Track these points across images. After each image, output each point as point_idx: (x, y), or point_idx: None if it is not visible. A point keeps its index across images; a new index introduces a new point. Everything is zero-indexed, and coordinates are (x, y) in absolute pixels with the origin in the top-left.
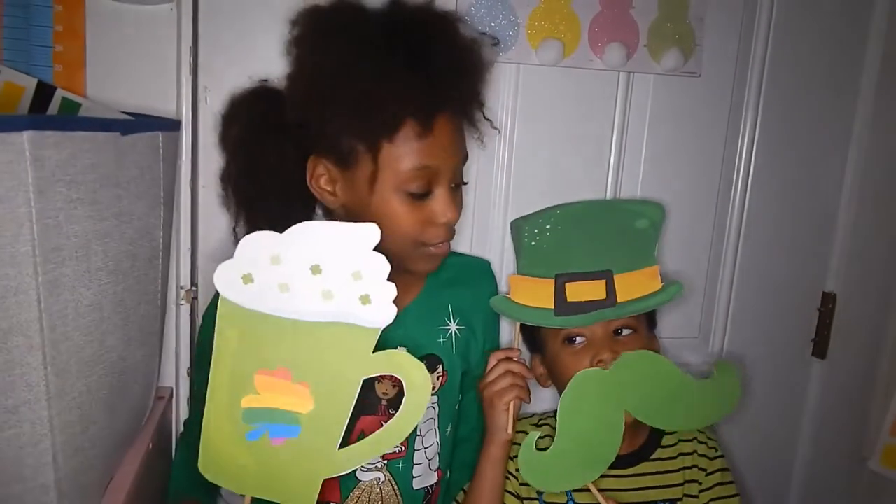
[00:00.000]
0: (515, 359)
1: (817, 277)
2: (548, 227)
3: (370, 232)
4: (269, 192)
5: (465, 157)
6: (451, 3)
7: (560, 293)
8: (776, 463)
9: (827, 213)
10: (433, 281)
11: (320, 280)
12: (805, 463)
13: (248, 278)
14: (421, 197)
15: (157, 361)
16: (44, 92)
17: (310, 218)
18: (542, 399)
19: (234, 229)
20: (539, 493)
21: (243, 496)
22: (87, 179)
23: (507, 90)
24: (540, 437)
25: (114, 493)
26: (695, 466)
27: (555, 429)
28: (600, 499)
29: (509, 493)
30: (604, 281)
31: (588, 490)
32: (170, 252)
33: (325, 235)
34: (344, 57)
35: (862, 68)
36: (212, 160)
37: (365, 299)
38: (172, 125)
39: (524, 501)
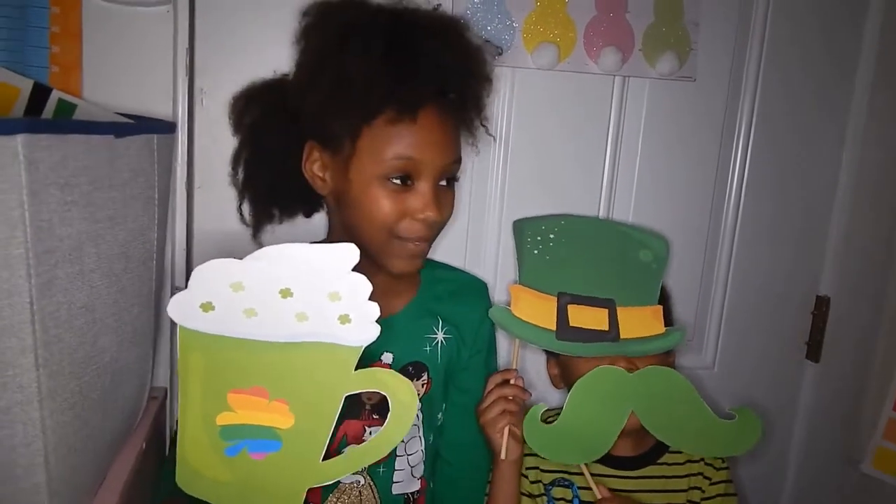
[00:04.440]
0: (513, 381)
1: (811, 281)
2: (551, 236)
3: (348, 253)
4: (273, 175)
5: (458, 159)
6: (448, 6)
7: (563, 314)
8: (769, 464)
9: (820, 216)
10: (427, 291)
11: (291, 303)
12: (797, 465)
13: (207, 306)
14: (403, 188)
15: (151, 362)
16: (40, 93)
17: (311, 202)
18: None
19: (239, 207)
20: (547, 489)
21: None
22: (80, 182)
23: (502, 94)
24: (545, 412)
25: (106, 493)
26: (700, 474)
27: None
28: (591, 483)
29: (522, 493)
30: (606, 310)
31: (591, 489)
32: (164, 253)
33: (295, 259)
34: (335, 44)
35: (856, 73)
36: (208, 161)
37: (344, 319)
38: (168, 127)
39: (536, 498)
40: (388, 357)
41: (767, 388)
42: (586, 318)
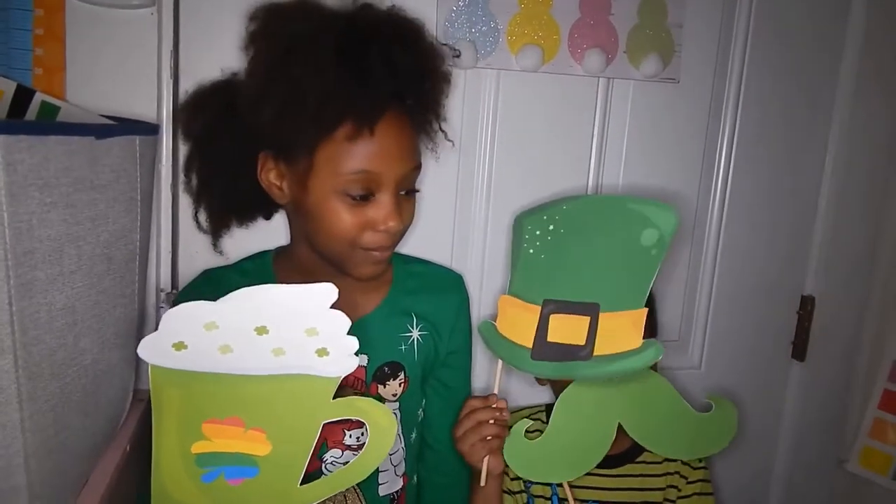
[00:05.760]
0: (494, 405)
1: (796, 281)
2: (551, 227)
3: (326, 292)
4: (228, 182)
5: (418, 166)
6: (432, 8)
7: (543, 327)
8: (756, 464)
9: (805, 216)
10: (399, 287)
11: (267, 339)
12: (784, 464)
13: (180, 345)
14: (362, 200)
15: (135, 364)
16: (23, 96)
17: (269, 206)
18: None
19: (195, 216)
20: (527, 485)
21: None
22: (60, 183)
23: (487, 96)
24: (528, 430)
25: (89, 496)
26: (677, 473)
27: (545, 423)
28: (570, 498)
29: (503, 491)
30: (588, 319)
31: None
32: (148, 255)
33: (271, 300)
34: (285, 55)
35: (840, 74)
36: None
37: (322, 352)
38: (150, 129)
39: (515, 495)
40: (362, 359)
41: (753, 388)
42: (565, 330)
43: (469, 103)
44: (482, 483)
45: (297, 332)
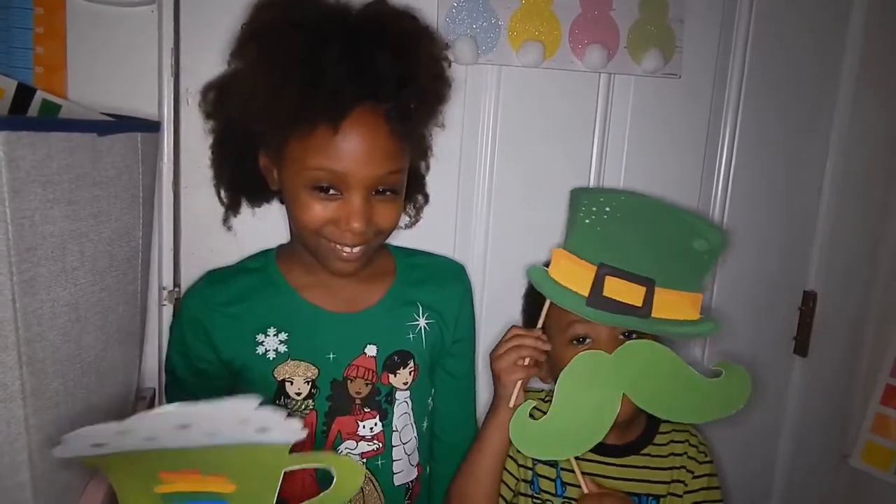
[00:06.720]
0: (537, 336)
1: (798, 276)
2: (607, 208)
3: (246, 407)
4: (238, 165)
5: (397, 170)
6: (433, 4)
7: (598, 283)
8: (758, 459)
9: (807, 212)
10: (403, 278)
11: (194, 431)
12: (787, 460)
13: (98, 445)
14: (331, 195)
15: (138, 361)
16: (24, 94)
17: (277, 194)
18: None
19: (217, 191)
20: (534, 462)
21: None
22: (63, 180)
23: (488, 92)
24: (536, 408)
25: (92, 493)
26: (683, 467)
27: None
28: (579, 476)
29: (510, 456)
30: (644, 288)
31: (573, 472)
32: (150, 252)
33: (193, 415)
34: (254, 50)
35: (840, 69)
36: (194, 161)
37: (262, 430)
38: (152, 126)
39: (520, 468)
40: (371, 349)
41: (756, 383)
42: (621, 291)
43: (470, 99)
44: (511, 404)
45: (228, 423)
